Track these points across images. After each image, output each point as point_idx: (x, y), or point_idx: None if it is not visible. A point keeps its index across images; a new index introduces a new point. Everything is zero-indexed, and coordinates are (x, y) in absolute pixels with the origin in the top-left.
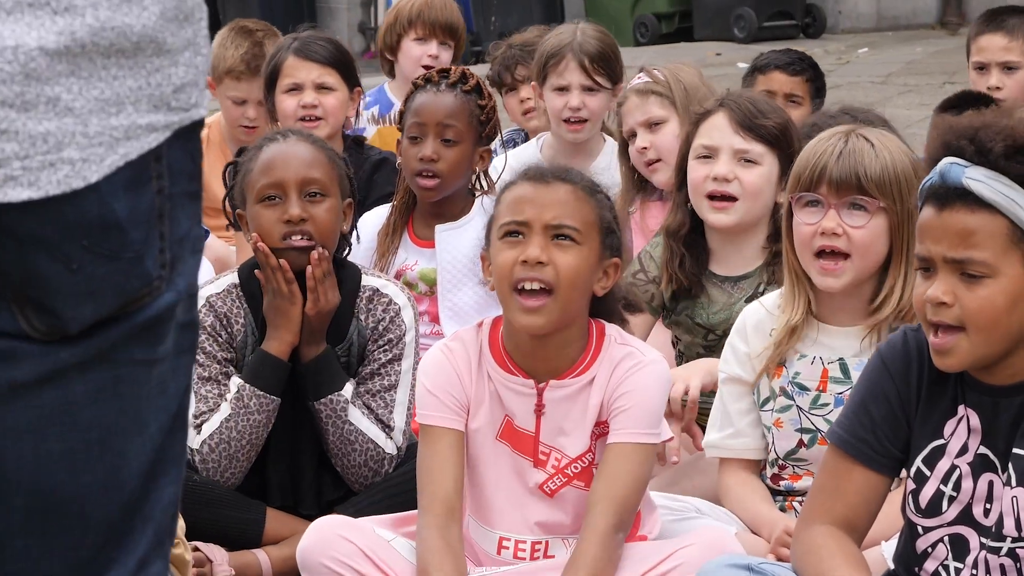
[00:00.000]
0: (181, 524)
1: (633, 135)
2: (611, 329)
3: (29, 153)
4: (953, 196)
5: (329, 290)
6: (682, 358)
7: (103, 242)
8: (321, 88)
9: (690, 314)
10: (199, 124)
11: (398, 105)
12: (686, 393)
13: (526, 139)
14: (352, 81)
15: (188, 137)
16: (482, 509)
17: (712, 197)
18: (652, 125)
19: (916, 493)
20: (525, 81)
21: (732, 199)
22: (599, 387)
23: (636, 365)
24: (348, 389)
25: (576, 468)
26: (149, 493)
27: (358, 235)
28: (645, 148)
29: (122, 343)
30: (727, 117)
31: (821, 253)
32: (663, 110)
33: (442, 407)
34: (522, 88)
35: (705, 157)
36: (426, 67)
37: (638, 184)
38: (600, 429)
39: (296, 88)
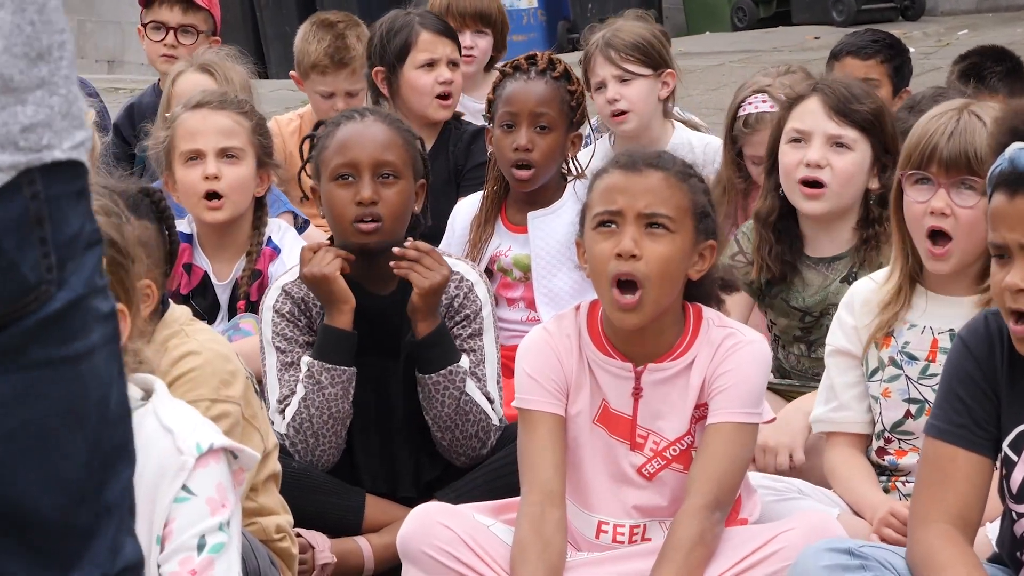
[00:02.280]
0: (288, 517)
1: (763, 161)
2: (708, 312)
3: None
4: None
5: (431, 268)
6: (778, 341)
7: None
8: (452, 64)
9: (785, 297)
10: (63, 164)
11: None
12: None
13: None
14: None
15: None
16: (581, 493)
17: (804, 183)
18: None
19: (1007, 479)
20: None
21: (823, 185)
22: (699, 369)
23: (736, 345)
24: (465, 361)
25: (675, 451)
26: (106, 482)
27: (429, 215)
28: None
29: (27, 345)
30: (821, 101)
31: (931, 235)
32: None
33: (543, 391)
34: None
35: (797, 141)
36: (464, 57)
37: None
38: (700, 412)
39: (432, 63)
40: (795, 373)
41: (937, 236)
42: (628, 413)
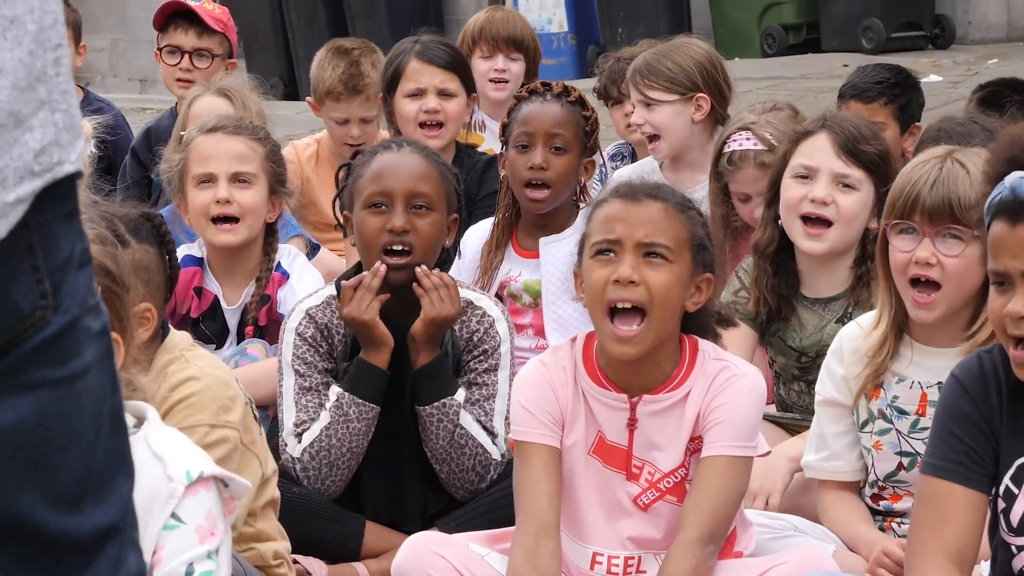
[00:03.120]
0: (286, 543)
1: (748, 199)
2: (705, 345)
3: None
4: None
5: (444, 300)
6: (779, 378)
7: None
8: (443, 93)
9: (783, 336)
10: (52, 187)
11: (479, 115)
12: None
13: (632, 153)
14: (470, 87)
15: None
16: (575, 525)
17: (807, 219)
18: None
19: (1007, 512)
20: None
21: (827, 223)
22: (694, 401)
23: (731, 378)
24: (461, 394)
25: (669, 483)
26: (105, 496)
27: (459, 251)
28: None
29: (25, 368)
30: (829, 139)
31: (915, 282)
32: None
33: (537, 423)
34: (627, 102)
35: (803, 177)
36: (494, 81)
37: (731, 226)
38: (695, 444)
39: (418, 93)
40: (797, 408)
41: (921, 283)
42: (623, 444)
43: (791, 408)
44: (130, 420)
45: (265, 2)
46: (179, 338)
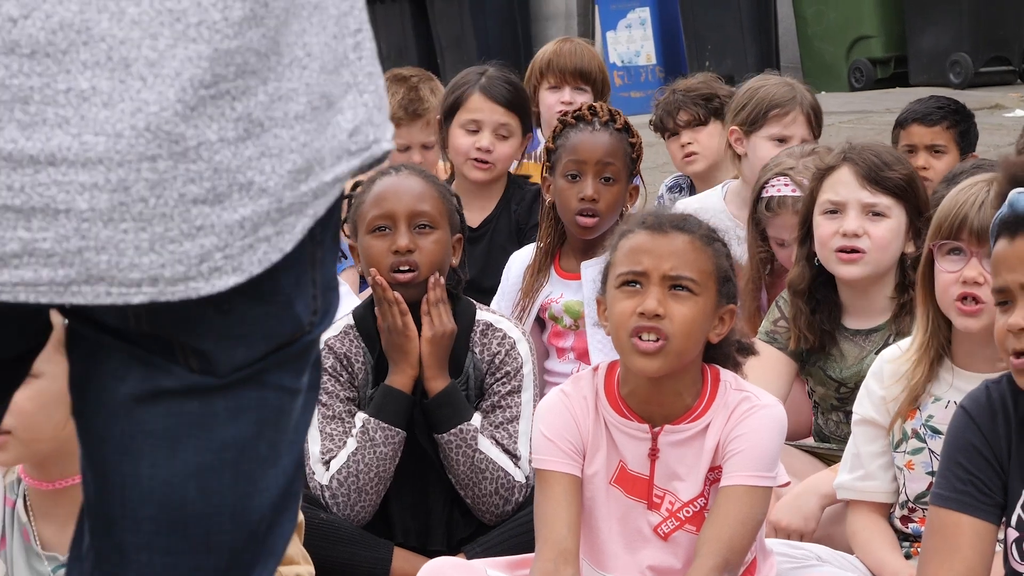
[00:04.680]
0: (310, 568)
1: (785, 243)
2: (726, 375)
3: (228, 242)
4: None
5: (443, 315)
6: (817, 408)
7: (253, 284)
8: (499, 133)
9: (822, 366)
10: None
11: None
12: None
13: (691, 185)
14: (527, 126)
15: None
16: (595, 553)
17: (841, 251)
18: None
19: (1020, 541)
20: (687, 126)
21: (862, 252)
22: (714, 432)
23: (751, 409)
24: (476, 418)
25: (688, 512)
26: (275, 527)
27: (467, 269)
28: None
29: (271, 367)
30: (852, 171)
31: (962, 298)
32: None
33: (558, 452)
34: (684, 133)
35: (832, 212)
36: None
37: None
38: (715, 475)
39: (475, 128)
40: (834, 438)
41: (968, 299)
42: (645, 474)
43: (828, 439)
44: None
45: None
46: None
